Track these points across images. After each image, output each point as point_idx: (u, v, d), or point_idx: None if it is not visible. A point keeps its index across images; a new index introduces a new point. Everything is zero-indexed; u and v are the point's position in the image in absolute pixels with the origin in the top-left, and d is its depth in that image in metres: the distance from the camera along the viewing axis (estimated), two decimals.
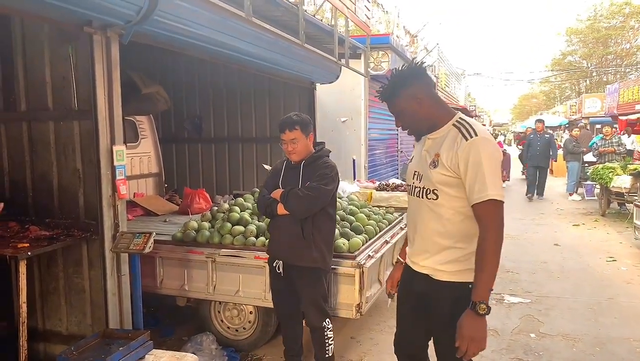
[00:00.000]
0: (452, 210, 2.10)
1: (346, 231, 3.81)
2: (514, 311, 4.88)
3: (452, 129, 2.12)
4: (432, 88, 2.22)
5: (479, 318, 1.94)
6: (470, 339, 1.95)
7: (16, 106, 3.53)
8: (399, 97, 2.17)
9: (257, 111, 6.93)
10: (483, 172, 1.98)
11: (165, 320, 4.59)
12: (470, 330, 1.95)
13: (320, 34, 5.80)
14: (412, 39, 23.89)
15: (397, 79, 2.18)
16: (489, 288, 1.97)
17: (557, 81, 45.76)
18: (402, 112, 2.20)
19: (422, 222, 2.21)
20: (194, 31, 3.55)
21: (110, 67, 3.19)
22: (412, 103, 2.15)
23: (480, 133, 2.05)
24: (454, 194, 2.08)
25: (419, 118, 2.18)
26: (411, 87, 2.15)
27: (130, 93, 4.96)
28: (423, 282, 2.21)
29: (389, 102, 2.22)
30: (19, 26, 3.44)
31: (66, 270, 3.42)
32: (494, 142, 2.08)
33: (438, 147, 2.12)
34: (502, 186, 2.04)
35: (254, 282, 3.76)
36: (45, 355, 3.49)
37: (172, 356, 2.87)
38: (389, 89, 2.20)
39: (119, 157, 3.28)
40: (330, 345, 3.29)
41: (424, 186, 2.17)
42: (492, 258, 1.97)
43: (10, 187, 3.61)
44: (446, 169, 2.07)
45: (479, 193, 1.98)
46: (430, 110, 2.17)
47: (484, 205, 1.98)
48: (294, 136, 3.15)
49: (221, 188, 7.10)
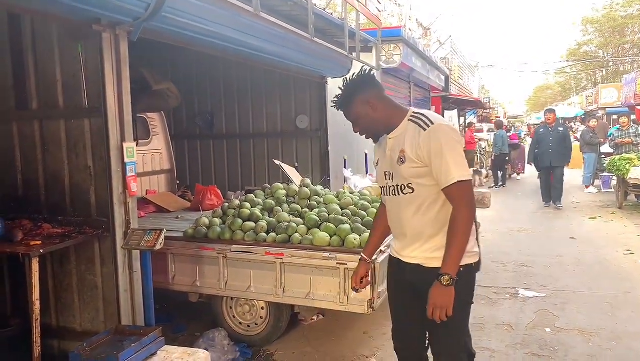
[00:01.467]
0: (430, 198, 2.20)
1: (357, 226, 3.78)
2: (528, 305, 4.82)
3: (409, 124, 2.23)
4: (382, 92, 2.33)
5: (443, 288, 2.09)
6: (435, 305, 2.11)
7: (27, 104, 3.55)
8: (352, 104, 2.28)
9: (268, 106, 6.91)
10: (445, 157, 2.10)
11: (177, 316, 4.61)
12: (435, 297, 2.11)
13: (331, 27, 5.75)
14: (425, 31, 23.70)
15: (348, 88, 2.30)
16: (456, 262, 2.11)
17: (572, 72, 45.09)
18: (357, 118, 2.30)
19: (405, 217, 2.28)
20: (202, 27, 3.54)
21: (119, 65, 3.18)
22: (365, 108, 2.27)
23: (435, 121, 2.17)
24: (428, 183, 2.18)
25: (373, 121, 2.29)
26: (362, 94, 2.27)
27: (141, 90, 4.97)
28: (414, 272, 2.29)
29: (344, 110, 2.33)
30: (29, 25, 3.45)
31: (78, 267, 3.44)
32: (450, 127, 2.19)
33: (401, 144, 2.22)
34: (465, 165, 2.15)
35: (266, 278, 3.76)
36: (59, 351, 3.52)
37: (183, 353, 2.88)
38: (343, 98, 2.31)
39: (129, 154, 3.28)
40: None
41: (397, 183, 2.27)
42: (462, 235, 2.11)
43: (23, 185, 3.64)
44: (413, 162, 2.17)
45: (446, 177, 2.10)
46: (383, 112, 2.28)
47: (452, 187, 2.11)
48: None
49: (233, 184, 7.11)
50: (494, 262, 6.21)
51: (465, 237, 2.12)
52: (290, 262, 3.68)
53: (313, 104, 6.61)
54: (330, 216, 3.92)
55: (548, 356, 3.78)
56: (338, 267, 3.53)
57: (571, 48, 42.29)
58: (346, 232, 3.67)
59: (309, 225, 3.88)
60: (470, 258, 2.24)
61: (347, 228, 3.71)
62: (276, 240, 3.81)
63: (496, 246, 7.09)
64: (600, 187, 12.05)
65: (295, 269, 3.68)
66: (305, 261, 3.64)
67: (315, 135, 6.62)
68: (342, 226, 3.73)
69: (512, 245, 7.20)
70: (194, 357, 2.83)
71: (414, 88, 12.41)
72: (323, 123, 6.55)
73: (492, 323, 4.33)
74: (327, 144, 6.58)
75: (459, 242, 2.11)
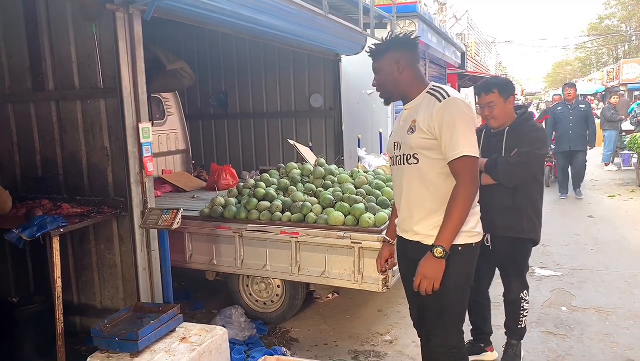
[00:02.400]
0: (434, 172, 2.19)
1: (372, 205, 3.78)
2: (544, 284, 4.80)
3: (425, 96, 2.23)
4: (415, 61, 2.32)
5: (434, 260, 2.10)
6: (423, 276, 2.12)
7: (44, 85, 3.58)
8: (383, 57, 2.29)
9: (281, 85, 6.87)
10: (457, 131, 2.08)
11: (196, 294, 4.69)
12: (425, 268, 2.12)
13: (345, 3, 5.67)
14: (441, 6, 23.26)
15: (388, 42, 2.30)
16: (451, 236, 2.11)
17: (593, 47, 43.98)
18: (380, 71, 2.31)
19: (407, 188, 2.29)
20: (216, 5, 3.51)
21: (133, 44, 3.19)
22: (392, 66, 2.27)
23: (452, 94, 2.17)
24: (433, 156, 2.17)
25: (393, 81, 2.29)
26: (396, 52, 2.27)
27: (155, 70, 4.97)
28: (415, 249, 2.27)
29: (374, 58, 2.33)
30: (44, 5, 3.46)
31: (98, 246, 3.51)
32: (465, 103, 2.18)
33: (414, 114, 2.23)
34: (475, 143, 2.13)
35: (281, 256, 3.79)
36: (81, 328, 3.62)
37: (201, 329, 2.93)
38: (377, 48, 2.32)
39: (145, 134, 3.31)
40: (525, 316, 3.27)
41: (404, 152, 2.27)
42: (461, 210, 2.10)
43: (42, 165, 3.69)
44: (423, 132, 2.16)
45: (453, 150, 2.09)
46: (406, 78, 2.27)
47: (458, 161, 2.09)
48: (489, 99, 3.03)
49: (247, 164, 7.13)
50: None
51: (464, 213, 2.11)
52: (305, 241, 3.70)
53: (327, 83, 6.56)
54: (345, 195, 3.92)
55: (564, 334, 3.78)
56: (353, 246, 3.54)
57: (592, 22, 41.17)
58: (361, 211, 3.67)
59: (324, 205, 3.89)
60: (471, 238, 2.21)
61: (362, 207, 3.71)
62: (291, 220, 3.83)
63: None
64: (620, 165, 11.84)
65: (310, 248, 3.71)
66: (320, 240, 3.66)
67: (329, 114, 6.59)
68: (357, 205, 3.73)
69: None
70: (211, 333, 2.88)
71: (429, 65, 12.23)
72: (337, 102, 6.51)
73: None
74: (341, 123, 6.55)
75: (457, 217, 2.10)
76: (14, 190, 3.69)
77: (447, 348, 2.29)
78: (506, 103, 3.05)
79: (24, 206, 3.43)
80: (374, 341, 3.76)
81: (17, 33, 3.59)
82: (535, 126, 3.13)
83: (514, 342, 3.34)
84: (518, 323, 3.28)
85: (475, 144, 2.13)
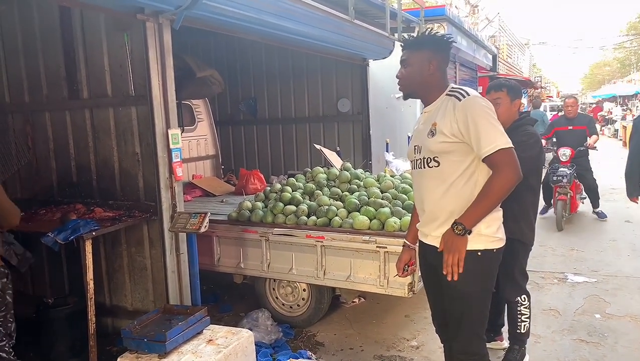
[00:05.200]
0: (455, 175, 2.16)
1: (398, 209, 3.77)
2: (577, 290, 4.67)
3: (444, 99, 2.22)
4: (445, 65, 2.31)
5: (454, 235, 2.09)
6: (446, 247, 2.12)
7: (79, 94, 3.71)
8: (418, 52, 2.26)
9: (309, 91, 6.92)
10: (485, 126, 2.07)
11: (224, 297, 4.76)
12: (446, 240, 2.13)
13: (372, 8, 5.67)
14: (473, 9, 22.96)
15: (426, 38, 2.29)
16: (475, 217, 2.09)
17: (632, 47, 42.55)
18: (410, 65, 2.27)
19: (428, 192, 2.27)
20: (242, 13, 3.58)
21: (163, 53, 3.28)
22: (423, 64, 2.24)
23: (472, 93, 2.17)
24: (455, 158, 2.16)
25: (419, 79, 2.26)
26: (431, 51, 2.25)
27: (186, 77, 5.09)
28: (434, 254, 2.24)
29: (408, 50, 2.29)
30: (79, 18, 3.60)
31: (129, 249, 3.61)
32: (486, 100, 2.22)
33: (434, 118, 2.21)
34: (505, 134, 2.10)
35: (307, 260, 3.81)
36: (113, 329, 3.73)
37: (228, 332, 2.98)
38: (416, 40, 2.31)
39: (175, 140, 3.39)
40: (524, 321, 3.27)
41: (424, 156, 2.25)
42: (493, 196, 2.07)
43: (76, 171, 3.83)
44: (445, 136, 2.14)
45: (488, 146, 2.05)
46: (432, 80, 2.25)
47: (496, 155, 2.04)
48: (497, 95, 3.08)
49: (276, 168, 7.20)
50: (542, 246, 6.03)
51: (496, 200, 2.08)
52: (331, 245, 3.72)
53: (355, 87, 6.57)
54: (371, 200, 3.92)
55: (597, 342, 3.67)
56: (378, 250, 3.54)
57: (631, 22, 39.88)
58: (386, 216, 3.67)
59: (349, 209, 3.90)
60: (492, 243, 2.17)
61: (388, 211, 3.70)
62: (317, 224, 3.85)
63: (543, 230, 6.87)
64: None
65: (335, 252, 3.72)
66: (345, 244, 3.67)
67: (357, 118, 6.59)
68: (383, 210, 3.72)
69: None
70: (237, 336, 2.92)
71: (460, 68, 12.08)
72: (365, 106, 6.51)
73: (539, 308, 4.23)
74: (369, 127, 6.54)
75: (487, 202, 2.07)
76: (51, 195, 3.84)
77: (468, 354, 2.27)
78: (512, 105, 3.11)
79: (59, 210, 3.56)
80: (400, 346, 3.74)
81: (54, 44, 3.75)
82: (527, 130, 3.11)
83: (515, 347, 3.32)
84: (517, 328, 3.26)
85: (506, 135, 2.10)
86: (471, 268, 2.10)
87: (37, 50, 3.86)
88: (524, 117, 3.19)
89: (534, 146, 3.08)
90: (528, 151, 3.00)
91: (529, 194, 3.14)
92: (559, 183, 6.79)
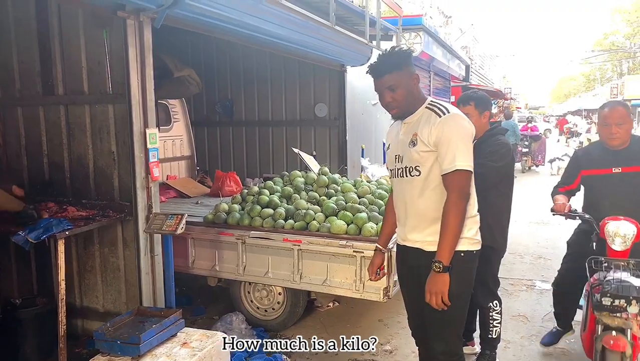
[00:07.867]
0: (435, 182, 2.24)
1: (374, 215, 3.80)
2: (545, 297, 4.80)
3: (425, 111, 2.30)
4: None
5: (436, 275, 2.16)
6: (429, 291, 2.19)
7: (54, 90, 3.63)
8: (402, 71, 2.28)
9: (287, 95, 6.93)
10: (453, 145, 2.16)
11: (197, 300, 4.71)
12: (429, 284, 2.19)
13: (351, 15, 5.73)
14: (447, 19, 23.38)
15: (401, 55, 2.30)
16: (448, 250, 2.16)
17: (598, 62, 44.09)
18: (399, 86, 2.27)
19: (410, 199, 2.33)
20: (224, 14, 3.56)
21: (143, 51, 3.23)
22: (410, 80, 2.30)
23: (451, 110, 2.25)
24: (435, 168, 2.23)
25: (410, 96, 2.30)
26: (409, 67, 2.32)
27: (163, 76, 5.03)
28: (415, 256, 2.33)
29: (390, 73, 2.25)
30: (56, 11, 3.51)
31: (102, 250, 3.53)
32: (465, 118, 2.28)
33: (415, 128, 2.28)
34: (470, 157, 2.21)
35: (283, 264, 3.81)
36: (83, 330, 3.64)
37: (202, 335, 2.95)
38: (395, 62, 2.27)
39: (152, 140, 3.34)
40: (496, 327, 3.34)
41: (406, 165, 2.32)
42: (454, 224, 2.16)
43: (49, 169, 3.73)
44: (425, 145, 2.22)
45: (449, 164, 2.16)
46: (417, 93, 2.32)
47: (451, 175, 2.16)
48: (466, 110, 3.11)
49: (251, 171, 7.16)
50: (511, 254, 6.17)
51: (458, 226, 2.17)
52: (308, 249, 3.73)
53: (332, 93, 6.61)
54: (348, 204, 3.94)
55: (563, 348, 3.77)
56: (355, 255, 3.57)
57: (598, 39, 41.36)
58: (363, 221, 3.70)
59: (327, 213, 3.92)
60: (473, 245, 2.27)
61: (365, 216, 3.74)
62: (294, 227, 3.85)
63: (513, 237, 7.02)
64: None
65: (312, 256, 3.73)
66: (322, 248, 3.69)
67: (333, 124, 6.63)
68: (360, 214, 3.75)
69: (529, 237, 7.15)
70: (212, 339, 2.90)
71: (434, 77, 12.30)
72: (342, 112, 6.55)
73: (508, 314, 4.33)
74: (345, 133, 6.58)
75: (451, 231, 2.15)
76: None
77: (450, 355, 2.33)
78: (481, 117, 3.19)
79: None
80: (374, 350, 3.77)
81: (29, 38, 3.65)
82: (499, 140, 3.20)
83: (486, 352, 3.41)
84: (489, 333, 3.35)
85: (470, 159, 2.20)
86: (456, 269, 2.17)
87: (10, 42, 3.74)
88: (495, 127, 3.29)
89: (505, 155, 3.18)
90: (500, 160, 3.12)
91: (501, 201, 3.24)
92: (616, 311, 2.67)
